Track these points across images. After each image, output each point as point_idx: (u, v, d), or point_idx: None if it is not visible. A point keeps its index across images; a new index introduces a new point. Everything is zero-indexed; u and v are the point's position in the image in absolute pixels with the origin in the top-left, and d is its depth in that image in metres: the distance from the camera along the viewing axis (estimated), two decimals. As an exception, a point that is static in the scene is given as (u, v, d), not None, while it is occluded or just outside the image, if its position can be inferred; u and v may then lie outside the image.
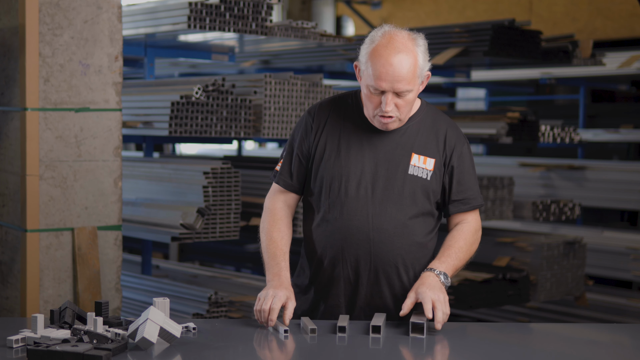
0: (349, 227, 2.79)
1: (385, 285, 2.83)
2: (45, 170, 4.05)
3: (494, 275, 5.84)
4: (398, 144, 2.83)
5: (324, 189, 2.83)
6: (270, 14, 5.18)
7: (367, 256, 2.80)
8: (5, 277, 4.22)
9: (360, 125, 2.85)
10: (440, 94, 11.26)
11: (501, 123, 6.42)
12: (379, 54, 2.68)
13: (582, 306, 6.74)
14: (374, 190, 2.80)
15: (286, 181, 2.92)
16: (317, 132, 2.87)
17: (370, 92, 2.72)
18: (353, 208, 2.80)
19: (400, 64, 2.67)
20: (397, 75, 2.66)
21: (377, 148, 2.82)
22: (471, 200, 2.89)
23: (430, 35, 6.72)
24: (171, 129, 4.76)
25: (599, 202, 7.71)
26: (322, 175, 2.84)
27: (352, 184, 2.80)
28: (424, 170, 2.82)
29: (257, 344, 2.56)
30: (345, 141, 2.84)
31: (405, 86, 2.69)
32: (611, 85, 9.59)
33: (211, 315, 4.72)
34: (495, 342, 2.69)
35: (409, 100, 2.73)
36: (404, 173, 2.81)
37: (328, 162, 2.83)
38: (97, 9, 4.13)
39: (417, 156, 2.82)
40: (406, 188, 2.80)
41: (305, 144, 2.89)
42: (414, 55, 2.69)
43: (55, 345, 2.27)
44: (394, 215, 2.79)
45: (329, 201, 2.82)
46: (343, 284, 2.84)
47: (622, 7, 10.13)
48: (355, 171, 2.81)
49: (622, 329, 3.08)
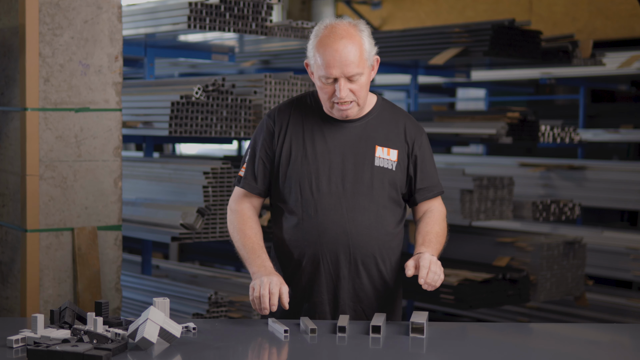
0: (326, 223, 2.84)
1: (366, 276, 2.89)
2: (45, 170, 4.05)
3: (494, 275, 5.84)
4: (361, 137, 2.89)
5: (294, 189, 2.88)
6: (270, 14, 5.18)
7: (346, 249, 2.86)
8: (5, 277, 4.22)
9: (322, 123, 2.90)
10: (440, 94, 11.27)
11: (501, 123, 6.42)
12: (323, 44, 2.77)
13: (582, 306, 6.74)
14: (344, 185, 2.86)
15: (251, 185, 2.96)
16: (280, 134, 2.91)
17: (323, 83, 2.79)
18: (327, 204, 2.85)
19: (345, 49, 2.75)
20: (345, 59, 2.75)
21: (342, 143, 2.88)
22: (435, 188, 3.01)
23: (430, 35, 6.79)
24: (171, 129, 4.76)
25: (599, 202, 7.71)
26: (290, 176, 2.88)
27: (322, 180, 2.86)
28: (389, 161, 2.90)
29: (257, 344, 2.56)
30: (309, 140, 2.89)
31: (355, 69, 2.76)
32: (611, 85, 9.58)
33: (211, 315, 4.72)
34: (495, 342, 2.69)
35: (362, 84, 2.81)
36: (371, 165, 2.88)
37: (295, 163, 2.88)
38: (97, 9, 4.13)
39: (381, 148, 2.90)
40: (375, 179, 2.87)
41: (269, 147, 2.93)
42: (358, 40, 2.78)
43: (55, 345, 2.27)
44: (367, 207, 2.86)
45: (302, 201, 2.87)
46: (325, 280, 2.88)
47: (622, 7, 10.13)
48: (324, 168, 2.86)
49: (622, 329, 3.08)
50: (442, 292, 5.83)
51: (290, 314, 2.86)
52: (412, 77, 7.62)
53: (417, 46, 6.80)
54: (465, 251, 6.62)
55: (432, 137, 6.86)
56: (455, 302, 5.79)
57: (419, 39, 6.85)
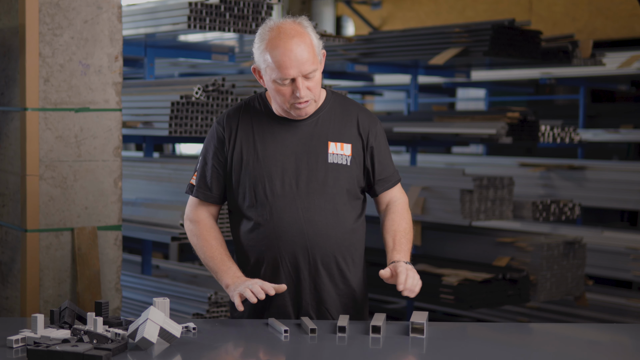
0: (282, 226, 2.81)
1: (326, 276, 2.86)
2: (45, 170, 4.05)
3: (494, 275, 5.84)
4: (313, 135, 2.86)
5: (249, 193, 2.85)
6: (270, 14, 5.18)
7: (305, 250, 2.83)
8: (5, 277, 4.22)
9: (272, 124, 2.88)
10: (440, 94, 11.27)
11: (501, 123, 6.42)
12: (274, 45, 2.74)
13: (582, 306, 6.74)
14: (298, 185, 2.83)
15: (205, 193, 2.94)
16: (230, 140, 2.89)
17: (279, 85, 2.76)
18: (282, 206, 2.82)
19: (298, 47, 2.73)
20: (300, 58, 2.72)
21: (294, 143, 2.85)
22: (392, 177, 2.96)
23: (430, 35, 6.79)
24: (171, 129, 4.76)
25: (599, 202, 7.71)
26: (244, 180, 2.86)
27: (276, 183, 2.83)
28: (343, 156, 2.87)
29: (257, 344, 2.56)
30: (260, 143, 2.86)
31: (310, 66, 2.74)
32: (611, 85, 9.58)
33: (211, 315, 4.72)
34: (495, 342, 2.69)
35: (317, 80, 2.79)
36: (325, 162, 2.84)
37: (247, 167, 2.85)
38: (97, 9, 4.13)
39: (334, 144, 2.87)
40: (329, 177, 2.84)
41: (221, 153, 2.90)
42: (307, 36, 2.77)
43: (55, 345, 2.27)
44: (323, 206, 2.82)
45: (256, 205, 2.84)
46: (285, 283, 2.84)
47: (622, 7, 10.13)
48: (277, 170, 2.83)
49: (622, 329, 3.08)
50: (442, 292, 5.84)
51: (254, 317, 2.87)
52: (412, 77, 7.62)
53: (417, 46, 6.81)
54: (465, 251, 6.62)
55: (432, 137, 6.92)
56: (455, 302, 5.79)
57: (419, 39, 6.85)
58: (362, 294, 2.97)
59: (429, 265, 6.11)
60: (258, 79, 2.86)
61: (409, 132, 6.87)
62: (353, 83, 9.32)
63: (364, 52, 7.18)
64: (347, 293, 2.91)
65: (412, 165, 7.19)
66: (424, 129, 6.87)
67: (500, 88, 9.97)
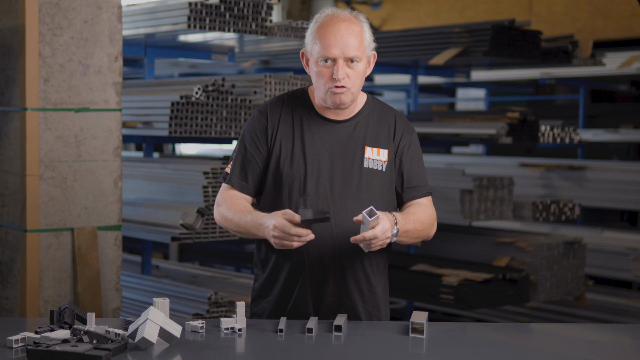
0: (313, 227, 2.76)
1: (352, 281, 2.83)
2: (45, 170, 4.05)
3: (494, 275, 5.84)
4: (351, 138, 2.84)
5: (284, 191, 2.82)
6: (270, 14, 5.18)
7: (332, 253, 2.79)
8: (5, 277, 4.22)
9: (312, 122, 2.86)
10: (440, 94, 11.27)
11: (501, 123, 6.43)
12: (325, 27, 2.76)
13: (582, 306, 6.74)
14: (332, 187, 2.81)
15: (241, 183, 2.87)
16: (273, 132, 2.86)
17: (321, 66, 2.75)
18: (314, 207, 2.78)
19: (347, 30, 2.75)
20: (346, 39, 2.73)
21: (331, 144, 2.83)
22: (423, 188, 2.91)
23: (430, 35, 6.80)
24: (171, 129, 4.76)
25: (599, 202, 7.71)
26: (279, 177, 2.83)
27: (310, 183, 2.80)
28: (379, 162, 2.85)
29: (257, 344, 2.56)
30: (299, 140, 2.84)
31: (355, 52, 2.74)
32: (611, 86, 9.59)
33: (211, 315, 4.72)
34: (495, 342, 2.69)
35: (359, 72, 2.78)
36: (360, 167, 2.82)
37: (285, 164, 2.82)
38: (97, 9, 4.13)
39: (370, 149, 2.85)
40: (363, 182, 2.82)
41: (261, 144, 2.86)
42: (359, 26, 2.78)
43: (55, 345, 2.27)
44: (355, 210, 2.77)
45: (289, 203, 2.80)
46: (310, 283, 2.82)
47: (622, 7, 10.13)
48: (312, 170, 2.81)
49: (622, 329, 3.08)
50: (442, 292, 5.84)
51: (275, 315, 2.86)
52: (412, 77, 7.62)
53: (417, 46, 6.81)
54: (465, 251, 6.62)
55: (432, 137, 6.92)
56: (455, 302, 5.79)
57: (419, 39, 6.85)
58: (384, 300, 2.94)
59: (429, 265, 6.11)
60: (304, 65, 2.85)
61: (409, 132, 6.86)
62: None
63: (364, 52, 7.17)
64: (371, 300, 2.87)
65: (412, 165, 7.17)
66: (424, 129, 6.87)
67: (500, 88, 9.98)
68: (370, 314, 2.88)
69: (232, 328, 2.63)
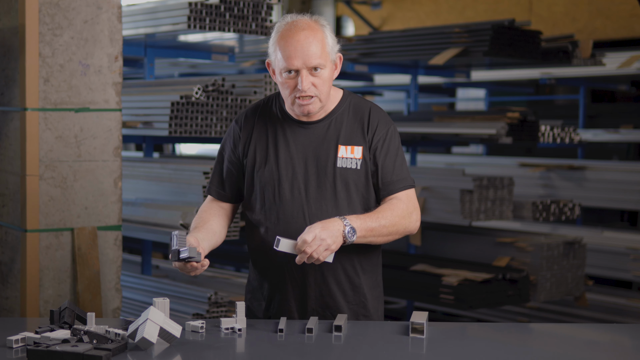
0: (288, 231, 2.75)
1: (334, 283, 2.81)
2: (45, 170, 4.05)
3: (494, 276, 5.84)
4: (324, 138, 2.81)
5: (259, 196, 2.82)
6: (270, 14, 5.18)
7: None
8: (5, 277, 4.22)
9: (286, 126, 2.84)
10: (440, 94, 11.27)
11: (501, 123, 6.42)
12: (284, 37, 2.73)
13: (582, 306, 6.74)
14: (307, 190, 2.78)
15: (218, 192, 2.91)
16: (246, 140, 2.86)
17: (285, 78, 2.73)
18: (289, 211, 2.78)
19: (307, 39, 2.71)
20: (306, 50, 2.70)
21: (305, 146, 2.81)
22: (400, 182, 2.83)
23: (430, 35, 6.79)
24: (171, 129, 4.76)
25: (599, 202, 7.71)
26: (256, 184, 2.83)
27: (285, 187, 2.79)
28: (353, 160, 2.80)
29: (257, 344, 2.56)
30: (272, 146, 2.82)
31: (317, 60, 2.71)
32: (611, 86, 9.58)
33: (211, 315, 4.72)
34: (495, 342, 2.69)
35: (325, 79, 2.74)
36: (333, 167, 2.79)
37: (260, 170, 2.82)
38: (97, 9, 4.13)
39: (344, 147, 2.80)
40: (338, 182, 2.78)
41: (235, 153, 2.88)
42: (319, 33, 2.75)
43: (55, 345, 2.27)
44: (331, 212, 2.75)
45: (265, 209, 2.81)
46: (291, 288, 2.82)
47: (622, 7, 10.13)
48: (287, 174, 2.79)
49: (622, 329, 3.08)
50: (442, 292, 5.84)
51: (265, 316, 2.87)
52: (412, 77, 7.62)
53: (417, 46, 6.81)
54: (465, 251, 6.63)
55: (432, 137, 6.93)
56: (455, 302, 5.79)
57: (419, 39, 6.85)
58: (373, 298, 2.90)
59: (429, 265, 6.11)
60: (271, 74, 2.82)
61: (409, 132, 6.88)
62: (353, 83, 9.31)
63: (364, 52, 7.18)
64: (355, 299, 2.85)
65: (412, 165, 7.19)
66: (424, 129, 6.87)
67: (500, 88, 9.97)
68: (357, 312, 2.86)
69: (232, 328, 2.63)
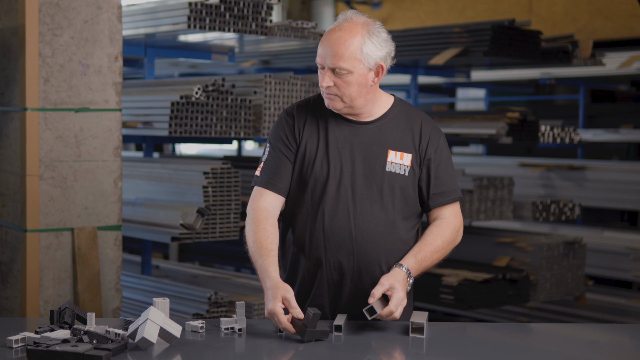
0: (332, 228, 2.77)
1: (369, 284, 2.78)
2: (45, 170, 4.05)
3: (494, 275, 5.84)
4: (374, 141, 2.82)
5: (305, 191, 2.82)
6: (270, 14, 5.18)
7: (351, 256, 2.78)
8: (5, 277, 4.22)
9: (336, 124, 2.84)
10: (440, 94, 11.27)
11: (501, 123, 6.43)
12: (327, 32, 2.76)
13: (582, 306, 6.74)
14: (353, 189, 2.79)
15: (272, 184, 2.85)
16: (299, 133, 2.85)
17: (319, 70, 2.77)
18: (334, 208, 2.78)
19: (338, 40, 2.70)
20: (333, 50, 2.70)
21: (354, 146, 2.81)
22: (450, 193, 2.86)
23: (430, 35, 6.79)
24: (171, 129, 4.76)
25: (599, 202, 7.71)
26: (303, 177, 2.83)
27: (331, 184, 2.79)
28: (402, 166, 2.81)
29: (257, 344, 2.56)
30: (323, 142, 2.82)
31: (339, 62, 2.69)
32: (611, 86, 9.59)
33: (211, 316, 4.72)
34: (495, 342, 2.69)
35: (349, 82, 2.72)
36: (382, 170, 2.79)
37: (309, 165, 2.82)
38: (97, 9, 4.13)
39: (394, 152, 2.81)
40: (385, 186, 2.79)
41: (290, 145, 2.85)
42: (358, 37, 2.70)
43: (55, 345, 2.27)
44: (376, 214, 2.77)
45: (310, 204, 2.80)
46: (327, 284, 2.82)
47: (622, 7, 10.13)
48: (335, 171, 2.79)
49: (622, 329, 3.08)
50: (442, 292, 5.84)
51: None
52: (412, 77, 7.62)
53: (417, 46, 6.81)
54: (465, 251, 6.62)
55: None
56: (455, 302, 5.79)
57: (419, 39, 6.85)
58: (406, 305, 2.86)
59: (429, 265, 6.11)
60: None
61: (409, 132, 6.86)
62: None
63: (364, 52, 7.17)
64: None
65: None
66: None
67: (500, 88, 9.97)
68: None
69: (232, 328, 2.63)
